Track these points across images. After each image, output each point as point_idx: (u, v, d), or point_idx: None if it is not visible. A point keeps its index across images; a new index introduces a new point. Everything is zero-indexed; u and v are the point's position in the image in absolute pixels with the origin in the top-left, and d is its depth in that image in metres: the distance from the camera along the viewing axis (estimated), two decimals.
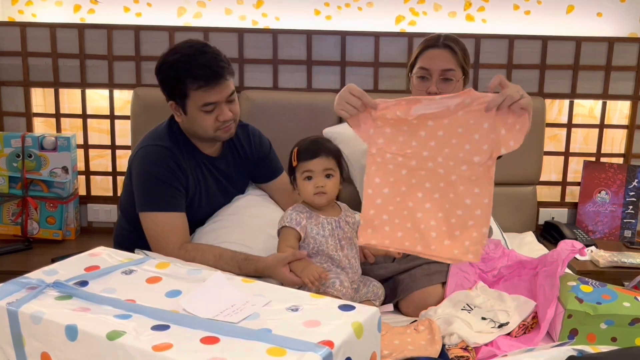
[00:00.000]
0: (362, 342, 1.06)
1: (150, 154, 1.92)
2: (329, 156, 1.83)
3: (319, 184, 1.81)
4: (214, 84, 1.85)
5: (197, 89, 1.84)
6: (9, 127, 2.81)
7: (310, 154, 1.82)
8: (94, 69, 2.75)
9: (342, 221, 1.87)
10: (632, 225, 2.79)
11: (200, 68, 1.83)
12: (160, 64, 1.91)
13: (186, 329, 1.05)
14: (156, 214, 1.89)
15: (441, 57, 1.99)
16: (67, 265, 1.30)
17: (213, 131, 1.91)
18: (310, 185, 1.82)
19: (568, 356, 1.22)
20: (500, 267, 1.93)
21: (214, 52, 1.88)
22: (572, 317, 1.63)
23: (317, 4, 2.77)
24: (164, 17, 2.77)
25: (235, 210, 2.06)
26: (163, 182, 1.88)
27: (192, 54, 1.85)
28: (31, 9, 2.78)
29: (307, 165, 1.81)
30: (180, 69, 1.85)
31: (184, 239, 1.90)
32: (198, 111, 1.87)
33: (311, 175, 1.82)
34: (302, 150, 1.84)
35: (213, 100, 1.86)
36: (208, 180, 2.01)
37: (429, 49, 2.02)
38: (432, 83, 1.98)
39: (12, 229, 2.68)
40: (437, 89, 1.96)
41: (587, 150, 2.90)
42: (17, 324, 1.12)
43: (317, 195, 1.82)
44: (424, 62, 2.00)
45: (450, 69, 1.98)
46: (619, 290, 1.71)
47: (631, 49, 2.76)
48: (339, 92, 1.64)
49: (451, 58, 1.99)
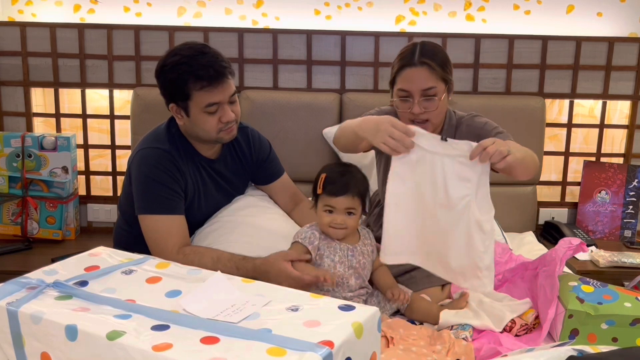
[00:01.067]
0: (362, 342, 1.06)
1: (148, 157, 1.91)
2: (355, 196, 1.77)
3: (337, 220, 1.77)
4: (217, 83, 1.84)
5: (200, 89, 1.83)
6: (9, 127, 2.81)
7: (337, 191, 1.76)
8: (94, 68, 2.75)
9: (358, 251, 1.83)
10: (632, 225, 2.79)
11: (203, 68, 1.82)
12: (160, 67, 1.89)
13: (186, 329, 1.05)
14: (155, 217, 1.89)
15: (419, 77, 1.86)
16: (67, 265, 1.30)
17: (216, 133, 1.90)
18: (328, 219, 1.78)
19: (568, 356, 1.22)
20: (504, 271, 1.93)
21: (214, 53, 1.87)
22: (573, 317, 1.63)
23: (317, 4, 2.77)
24: (164, 17, 2.77)
25: (232, 212, 2.06)
26: (162, 185, 1.88)
27: (192, 54, 1.84)
28: (31, 9, 2.78)
29: (330, 201, 1.77)
30: (181, 70, 1.83)
31: (183, 242, 1.90)
32: (201, 112, 1.86)
33: (332, 210, 1.78)
34: (330, 182, 1.78)
35: (216, 100, 1.85)
36: (207, 183, 2.01)
37: (405, 68, 1.87)
38: (414, 104, 1.87)
39: (12, 228, 2.68)
40: (420, 109, 1.87)
41: (587, 150, 2.90)
42: (17, 323, 1.11)
43: (333, 229, 1.79)
44: (403, 83, 1.88)
45: (431, 87, 1.86)
46: (621, 291, 1.71)
47: (631, 49, 2.76)
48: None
49: (430, 75, 1.86)
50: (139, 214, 1.91)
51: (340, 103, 2.69)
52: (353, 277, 1.80)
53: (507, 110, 2.65)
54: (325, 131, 2.64)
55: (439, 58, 1.89)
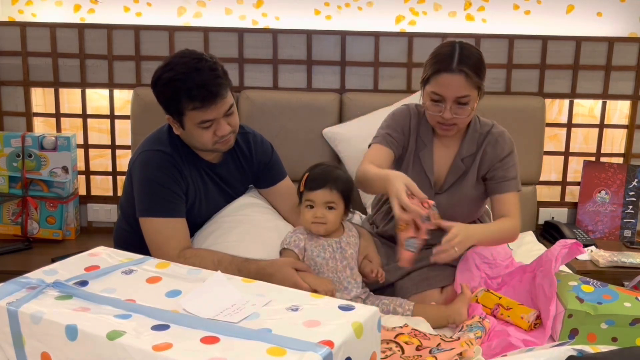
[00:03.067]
0: (362, 342, 1.06)
1: (150, 159, 1.90)
2: (333, 189, 1.84)
3: (317, 214, 1.84)
4: (210, 104, 1.79)
5: (193, 109, 1.79)
6: (9, 127, 2.81)
7: (315, 185, 1.84)
8: (94, 68, 2.76)
9: (344, 242, 1.88)
10: (632, 225, 2.79)
11: (196, 87, 1.77)
12: (155, 80, 1.84)
13: (186, 328, 1.05)
14: (156, 220, 1.88)
15: (455, 85, 1.83)
16: (67, 265, 1.30)
17: (211, 145, 1.88)
18: (309, 214, 1.85)
19: (568, 356, 1.22)
20: (503, 275, 1.94)
21: (209, 68, 1.80)
22: (572, 316, 1.63)
23: (317, 4, 2.77)
24: (164, 16, 2.77)
25: (230, 212, 2.06)
26: (163, 187, 1.87)
27: (186, 72, 1.78)
28: (31, 9, 2.78)
29: (309, 195, 1.85)
30: (175, 88, 1.79)
31: (184, 245, 1.89)
32: (195, 127, 1.83)
33: (312, 205, 1.85)
34: (310, 179, 1.86)
35: (210, 118, 1.82)
36: (208, 186, 2.00)
37: (441, 73, 1.83)
38: (446, 110, 1.86)
39: (12, 228, 2.68)
40: (451, 114, 1.86)
41: (587, 150, 2.90)
42: (17, 323, 1.12)
43: (315, 224, 1.85)
44: (437, 88, 1.85)
45: (465, 95, 1.84)
46: (621, 291, 1.71)
47: (631, 49, 2.76)
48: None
49: (465, 84, 1.82)
50: (140, 216, 1.90)
51: (340, 103, 2.69)
52: (347, 269, 1.85)
53: (507, 110, 2.65)
54: (325, 131, 2.64)
55: (476, 65, 1.85)
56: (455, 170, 1.99)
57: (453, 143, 2.00)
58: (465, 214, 2.03)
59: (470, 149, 1.98)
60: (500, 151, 1.97)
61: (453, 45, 1.88)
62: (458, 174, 1.99)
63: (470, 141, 1.98)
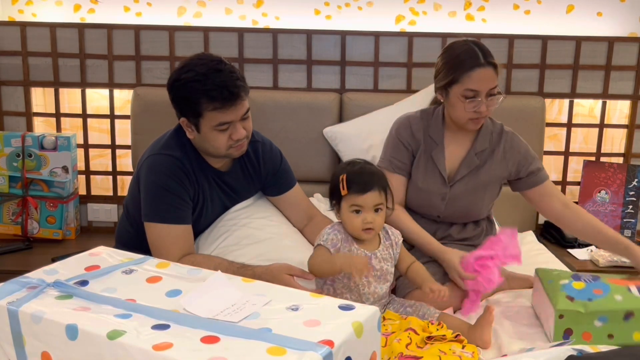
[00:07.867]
0: (362, 342, 1.06)
1: (159, 164, 1.88)
2: (381, 190, 1.68)
3: (367, 219, 1.67)
4: (230, 105, 1.78)
5: (213, 110, 1.78)
6: (9, 127, 2.81)
7: (363, 187, 1.67)
8: (94, 68, 2.76)
9: (375, 257, 1.72)
10: (632, 225, 2.79)
11: (216, 88, 1.76)
12: (172, 82, 1.83)
13: (186, 328, 1.05)
14: (160, 225, 1.86)
15: (489, 77, 1.90)
16: (67, 265, 1.31)
17: (225, 149, 1.86)
18: (358, 220, 1.68)
19: (568, 356, 1.22)
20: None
21: (229, 70, 1.80)
22: (563, 317, 1.60)
23: (317, 4, 2.77)
24: (164, 16, 2.77)
25: (232, 216, 2.06)
26: (170, 193, 1.86)
27: (206, 72, 1.78)
28: (31, 9, 2.78)
29: (357, 200, 1.67)
30: (194, 89, 1.78)
31: (186, 252, 1.87)
32: (212, 130, 1.82)
33: (360, 210, 1.68)
34: (354, 181, 1.68)
35: (228, 120, 1.81)
36: (216, 193, 1.99)
37: (475, 69, 1.88)
38: (482, 103, 1.90)
39: (12, 228, 2.69)
40: (486, 107, 1.92)
41: (587, 149, 2.90)
42: (17, 323, 1.12)
43: (365, 231, 1.69)
44: (474, 83, 1.88)
45: (496, 85, 1.93)
46: (612, 282, 1.67)
47: (631, 49, 2.77)
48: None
49: (494, 75, 1.91)
50: (146, 220, 1.89)
51: (340, 103, 2.69)
52: (373, 284, 1.71)
53: (507, 110, 2.63)
54: (326, 131, 2.64)
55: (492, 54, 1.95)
56: (469, 164, 2.02)
57: (465, 139, 2.04)
58: (476, 208, 2.07)
59: (484, 144, 2.02)
60: (522, 148, 2.05)
61: (467, 43, 1.93)
62: (471, 167, 2.02)
63: (484, 136, 2.02)
